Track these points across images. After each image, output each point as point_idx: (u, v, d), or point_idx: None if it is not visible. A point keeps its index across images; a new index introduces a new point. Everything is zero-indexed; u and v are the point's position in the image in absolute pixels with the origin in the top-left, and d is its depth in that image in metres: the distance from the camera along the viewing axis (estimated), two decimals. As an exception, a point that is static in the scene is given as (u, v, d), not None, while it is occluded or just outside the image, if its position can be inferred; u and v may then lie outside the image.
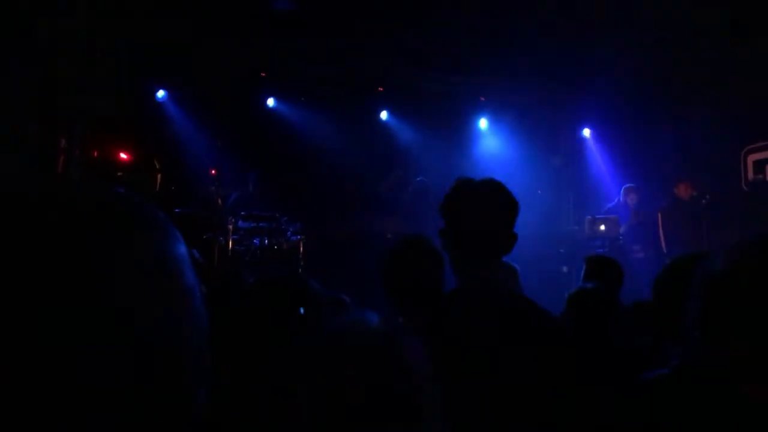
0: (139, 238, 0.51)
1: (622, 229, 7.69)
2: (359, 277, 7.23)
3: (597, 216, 7.78)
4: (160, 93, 7.57)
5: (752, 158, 7.97)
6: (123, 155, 6.86)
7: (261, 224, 6.29)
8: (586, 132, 9.12)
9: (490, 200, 1.61)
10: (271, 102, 8.07)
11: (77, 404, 0.44)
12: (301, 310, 1.73)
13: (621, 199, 7.93)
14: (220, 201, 6.11)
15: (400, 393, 0.78)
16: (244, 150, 7.43)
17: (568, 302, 2.40)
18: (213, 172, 6.32)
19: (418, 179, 7.64)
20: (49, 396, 0.43)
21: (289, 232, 6.49)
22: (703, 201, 7.29)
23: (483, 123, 8.93)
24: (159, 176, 5.03)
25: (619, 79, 7.74)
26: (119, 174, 5.27)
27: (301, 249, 6.39)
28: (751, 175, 7.94)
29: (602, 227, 7.60)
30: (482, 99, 8.79)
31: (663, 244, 7.43)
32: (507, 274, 2.66)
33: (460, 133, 8.72)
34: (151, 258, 0.50)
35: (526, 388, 1.42)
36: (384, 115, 8.59)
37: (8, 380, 0.42)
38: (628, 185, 7.95)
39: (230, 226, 6.14)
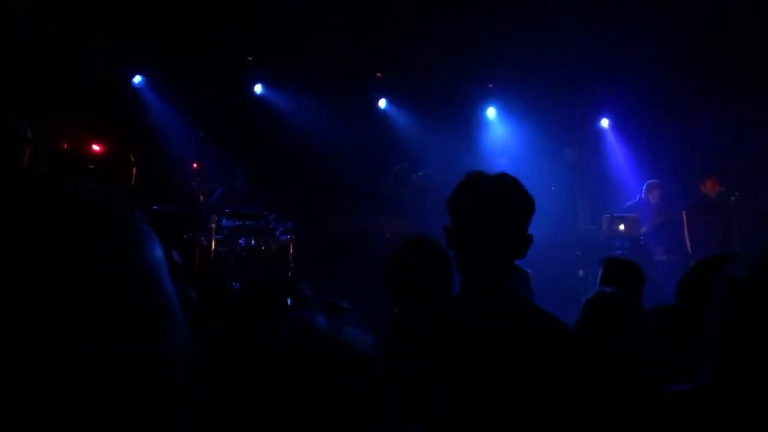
0: (111, 239, 0.50)
1: (643, 229, 7.70)
2: (355, 282, 7.25)
3: (616, 215, 7.78)
4: (137, 78, 7.56)
5: (786, 152, 8.01)
6: (95, 147, 6.84)
7: (247, 223, 6.29)
8: (605, 122, 9.13)
9: (502, 198, 1.61)
10: (259, 89, 8.06)
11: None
12: (288, 301, 1.75)
13: (643, 196, 7.94)
14: (202, 197, 6.11)
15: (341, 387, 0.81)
16: (229, 141, 7.43)
17: (584, 309, 2.41)
18: (195, 165, 6.33)
19: (419, 173, 7.64)
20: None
21: (278, 232, 6.48)
22: (732, 198, 7.30)
23: (491, 112, 8.93)
24: (135, 170, 5.03)
25: (643, 64, 7.74)
26: (91, 167, 5.27)
27: (291, 250, 6.39)
28: (784, 170, 7.97)
29: (622, 227, 7.61)
30: (490, 85, 8.78)
31: (688, 245, 7.44)
32: (516, 278, 2.67)
33: (466, 123, 8.72)
34: (124, 262, 0.50)
35: (526, 390, 1.42)
36: (382, 103, 8.59)
37: None
38: (650, 181, 7.95)
39: (213, 225, 6.13)
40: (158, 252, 0.54)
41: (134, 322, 0.49)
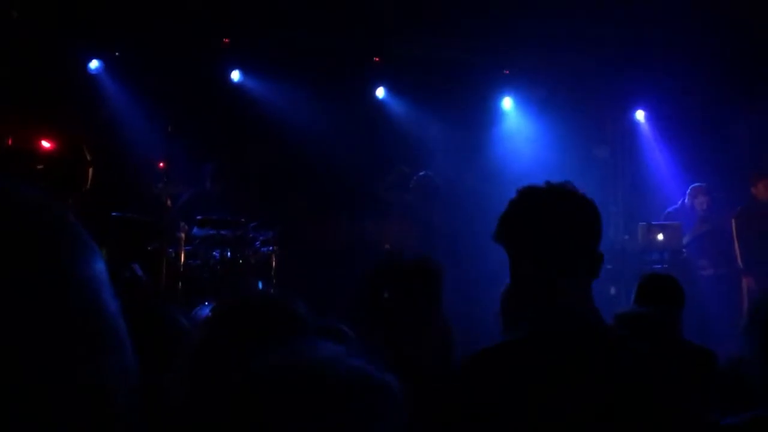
0: (35, 249, 0.50)
1: (686, 239, 7.70)
2: (350, 301, 7.22)
3: (654, 223, 7.79)
4: (94, 63, 7.58)
5: None
6: (44, 143, 6.85)
7: (222, 232, 6.29)
8: (640, 115, 9.15)
9: (580, 217, 1.71)
10: (236, 75, 8.08)
11: None
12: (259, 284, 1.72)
13: (686, 201, 7.94)
14: (169, 202, 6.11)
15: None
16: (201, 137, 7.43)
17: (614, 325, 2.41)
18: (161, 164, 6.32)
19: (421, 174, 7.66)
20: None
21: (258, 242, 6.49)
22: (790, 203, 7.31)
23: (507, 103, 8.95)
24: (90, 170, 5.03)
25: (685, 47, 7.75)
26: (39, 167, 5.26)
27: (274, 264, 6.40)
28: None
29: (660, 237, 7.61)
30: (506, 72, 8.80)
31: (738, 258, 7.44)
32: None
33: (478, 115, 8.74)
34: (50, 277, 0.50)
35: None
36: (380, 92, 8.61)
37: None
38: (696, 185, 7.95)
39: (182, 234, 6.12)
40: (98, 266, 0.54)
41: (58, 346, 0.49)
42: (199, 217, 6.32)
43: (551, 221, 1.68)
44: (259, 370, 0.88)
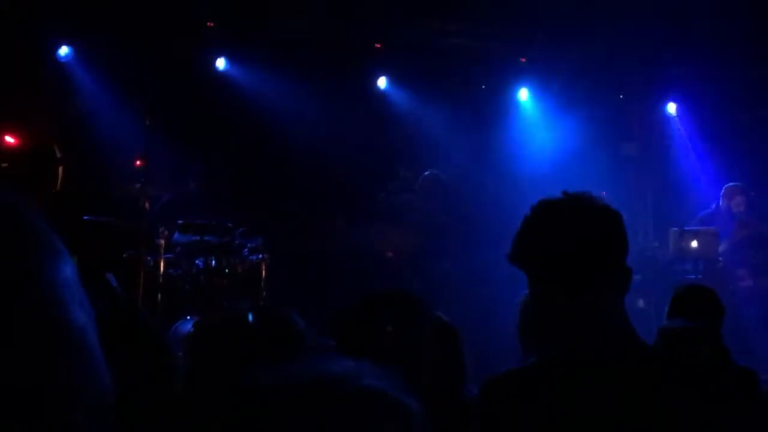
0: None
1: (722, 247, 7.68)
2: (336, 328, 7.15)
3: (687, 228, 7.77)
4: (63, 50, 7.57)
5: None
6: (9, 139, 6.84)
7: (206, 238, 6.27)
8: (671, 108, 9.14)
9: (600, 230, 1.76)
10: (221, 64, 8.08)
11: None
12: (250, 317, 1.72)
13: (721, 203, 7.93)
14: (147, 204, 6.10)
15: None
16: (183, 131, 7.42)
17: (655, 343, 2.40)
18: (138, 162, 6.31)
19: (426, 173, 7.64)
20: None
21: (246, 250, 6.47)
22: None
23: (523, 94, 8.94)
24: (61, 169, 5.02)
25: (723, 30, 7.72)
26: (2, 165, 5.26)
27: (264, 274, 6.38)
28: None
29: (694, 244, 7.59)
30: (522, 60, 8.80)
31: (782, 267, 7.44)
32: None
33: (490, 108, 8.73)
34: (17, 282, 0.50)
35: None
36: (382, 82, 8.60)
37: None
38: (731, 184, 7.94)
39: (162, 241, 6.10)
40: (65, 271, 0.54)
41: (15, 354, 0.49)
42: (180, 222, 6.31)
43: (572, 239, 1.72)
44: (261, 387, 0.86)
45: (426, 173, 7.69)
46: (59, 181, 5.13)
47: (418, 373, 2.14)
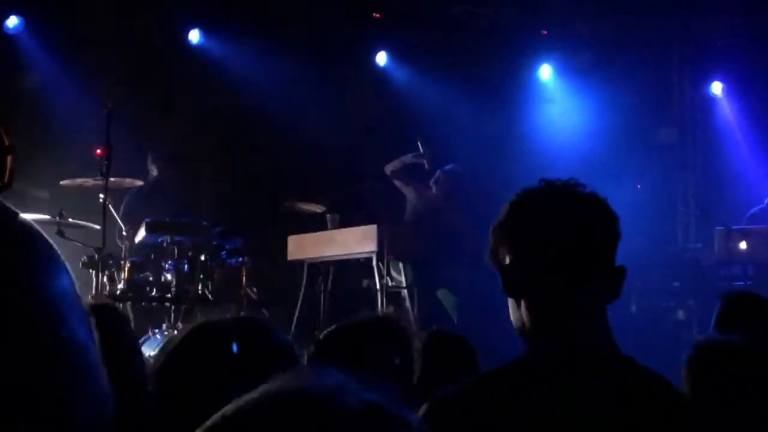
0: None
1: (776, 248, 7.69)
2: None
3: (735, 227, 7.78)
4: (12, 20, 7.56)
5: None
6: (-51, 123, 6.83)
7: (178, 238, 6.29)
8: (716, 88, 9.13)
9: (582, 221, 1.78)
10: (195, 36, 8.07)
11: None
12: (234, 348, 1.74)
13: (773, 198, 7.95)
14: (110, 199, 6.10)
15: None
16: (150, 115, 7.42)
17: (688, 364, 2.40)
18: (98, 151, 6.31)
19: (447, 167, 7.56)
20: None
21: (224, 252, 6.48)
22: None
23: (545, 72, 8.95)
24: (10, 159, 5.02)
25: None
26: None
27: (244, 280, 6.40)
28: None
29: (743, 245, 7.59)
30: (544, 33, 8.80)
31: None
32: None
33: (508, 87, 8.74)
34: (10, 295, 0.52)
35: None
36: (381, 57, 8.60)
37: None
38: (783, 175, 7.97)
39: (125, 242, 6.10)
40: (64, 282, 0.58)
41: (17, 373, 0.53)
42: (147, 219, 6.31)
43: (546, 232, 1.76)
44: (246, 407, 0.88)
45: (448, 167, 7.61)
46: (7, 173, 5.13)
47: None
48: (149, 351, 5.05)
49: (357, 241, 6.83)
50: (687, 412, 1.74)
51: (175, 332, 2.62)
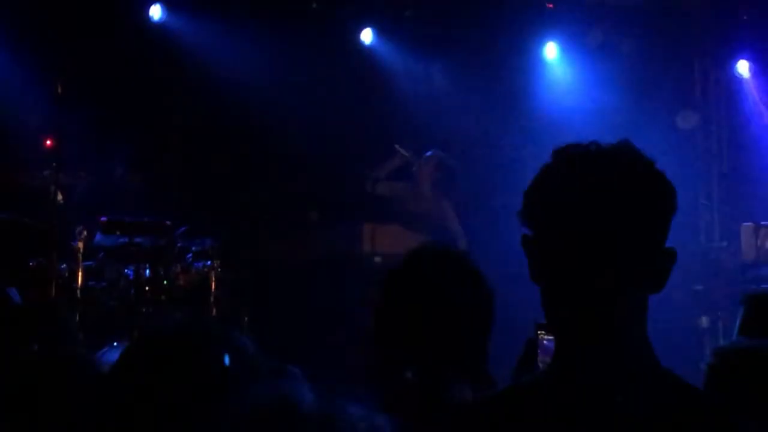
0: None
1: (810, 247, 7.72)
2: (322, 335, 7.20)
3: (764, 223, 7.81)
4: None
5: None
6: None
7: (138, 240, 6.29)
8: (743, 67, 9.15)
9: (630, 188, 1.66)
10: (156, 12, 8.05)
11: None
12: (226, 360, 1.76)
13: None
14: (61, 196, 6.10)
15: None
16: (106, 101, 7.40)
17: (709, 373, 2.41)
18: (48, 142, 6.30)
19: (428, 154, 7.64)
20: None
21: (190, 255, 6.48)
22: None
23: (551, 50, 8.95)
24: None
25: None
26: None
27: (213, 286, 6.39)
28: None
29: (773, 243, 7.63)
30: (550, 6, 8.81)
31: None
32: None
33: (509, 68, 8.75)
34: None
35: None
36: (367, 35, 8.60)
37: None
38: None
39: (80, 244, 6.09)
40: None
41: None
42: (103, 219, 6.30)
43: (596, 197, 1.64)
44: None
45: (428, 154, 7.69)
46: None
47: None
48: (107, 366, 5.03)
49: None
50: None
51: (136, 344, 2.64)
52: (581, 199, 1.64)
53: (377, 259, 7.05)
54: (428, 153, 7.72)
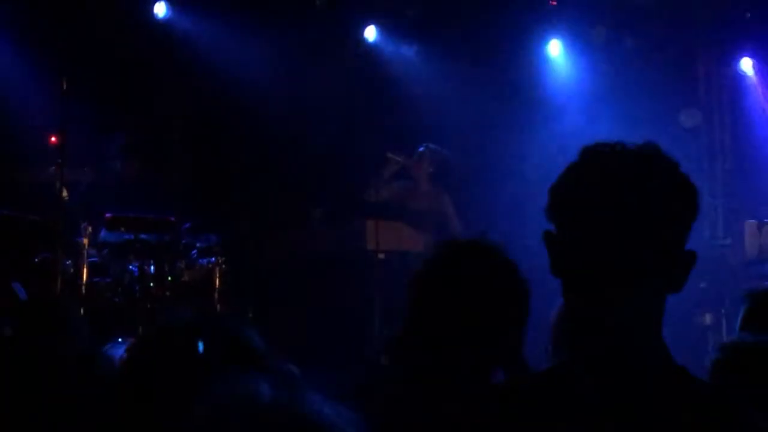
0: None
1: (814, 244, 7.71)
2: (325, 333, 7.20)
3: (767, 220, 7.80)
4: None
5: None
6: None
7: (143, 236, 6.29)
8: (746, 65, 9.14)
9: (653, 188, 1.69)
10: (161, 10, 8.04)
11: None
12: (200, 347, 1.77)
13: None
14: (65, 192, 6.09)
15: None
16: (110, 98, 7.40)
17: (713, 369, 2.42)
18: (53, 138, 6.30)
19: (419, 149, 7.65)
20: None
21: (194, 252, 6.48)
22: None
23: (554, 47, 8.94)
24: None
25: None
26: None
27: (217, 282, 6.39)
28: None
29: (775, 240, 7.63)
30: (553, 3, 8.80)
31: None
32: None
33: (512, 65, 8.74)
34: None
35: None
36: (371, 32, 8.59)
37: None
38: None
39: (85, 240, 6.09)
40: None
41: None
42: (108, 215, 6.31)
43: (621, 196, 1.67)
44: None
45: (419, 149, 7.69)
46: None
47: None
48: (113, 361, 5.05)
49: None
50: None
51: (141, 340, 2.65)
52: (607, 197, 1.67)
53: (381, 255, 7.04)
54: (420, 148, 7.71)
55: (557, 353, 2.75)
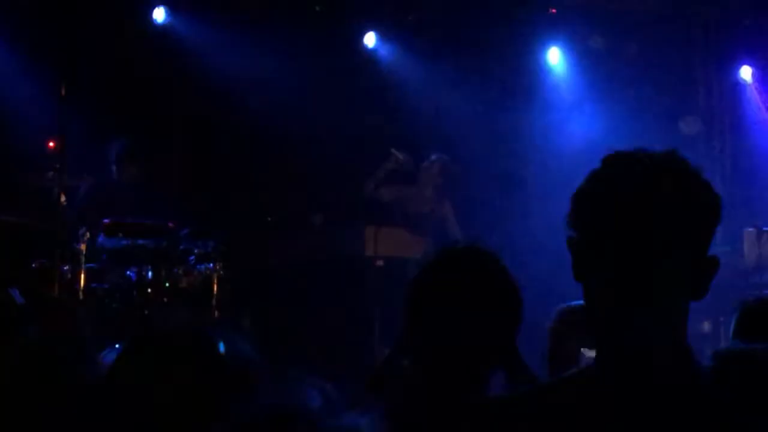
0: None
1: (813, 252, 7.70)
2: (324, 340, 7.19)
3: (766, 228, 7.79)
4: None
5: None
6: None
7: (141, 242, 6.29)
8: (745, 73, 9.13)
9: (678, 196, 1.69)
10: (160, 15, 8.05)
11: None
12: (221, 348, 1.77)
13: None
14: (63, 197, 6.09)
15: None
16: (109, 103, 7.40)
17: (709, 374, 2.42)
18: (51, 144, 6.30)
19: (433, 158, 7.67)
20: None
21: (192, 258, 6.47)
22: None
23: (554, 55, 8.95)
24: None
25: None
26: None
27: (216, 288, 6.39)
28: None
29: (775, 248, 7.62)
30: (553, 11, 8.80)
31: None
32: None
33: (512, 73, 8.74)
34: None
35: None
36: (370, 38, 8.59)
37: None
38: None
39: (83, 246, 6.09)
40: None
41: None
42: (106, 221, 6.31)
43: (645, 203, 1.66)
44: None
45: (432, 158, 7.69)
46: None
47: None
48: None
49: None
50: None
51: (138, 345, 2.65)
52: (630, 204, 1.67)
53: (379, 262, 7.04)
54: (433, 157, 7.70)
55: (553, 358, 2.76)
